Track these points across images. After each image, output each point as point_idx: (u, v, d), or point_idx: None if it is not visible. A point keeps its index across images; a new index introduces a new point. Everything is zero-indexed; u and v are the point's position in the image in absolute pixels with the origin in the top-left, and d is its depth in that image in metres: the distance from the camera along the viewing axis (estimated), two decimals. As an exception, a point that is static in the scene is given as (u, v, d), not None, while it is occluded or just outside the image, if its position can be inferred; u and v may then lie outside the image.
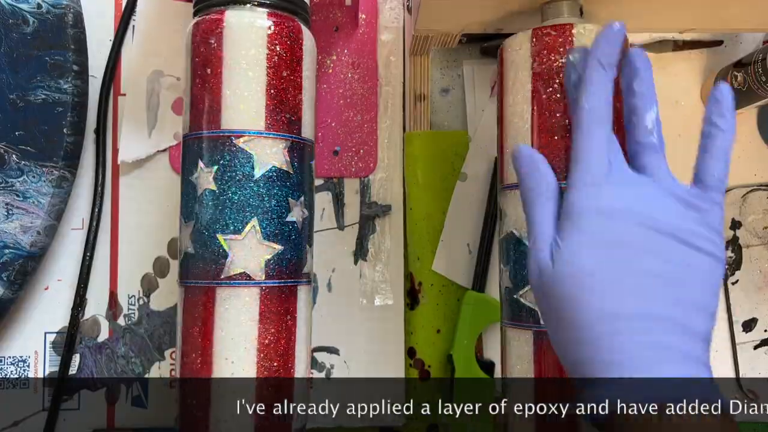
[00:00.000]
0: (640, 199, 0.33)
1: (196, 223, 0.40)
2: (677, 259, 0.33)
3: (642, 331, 0.32)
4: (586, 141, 0.34)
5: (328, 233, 0.54)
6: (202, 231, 0.40)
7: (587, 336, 0.32)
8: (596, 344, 0.32)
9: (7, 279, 0.48)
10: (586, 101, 0.34)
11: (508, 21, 0.46)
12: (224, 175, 0.40)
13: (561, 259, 0.33)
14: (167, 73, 0.54)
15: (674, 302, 0.32)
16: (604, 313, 0.32)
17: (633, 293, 0.32)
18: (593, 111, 0.34)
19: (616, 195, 0.33)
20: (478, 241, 0.54)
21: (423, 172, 0.54)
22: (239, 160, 0.40)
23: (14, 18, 0.49)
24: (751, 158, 0.57)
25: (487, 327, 0.54)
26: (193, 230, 0.40)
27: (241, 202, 0.40)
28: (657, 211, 0.33)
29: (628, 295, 0.32)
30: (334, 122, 0.55)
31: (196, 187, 0.40)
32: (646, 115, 0.35)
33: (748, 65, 0.50)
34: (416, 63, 0.55)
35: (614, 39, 0.35)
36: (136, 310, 0.53)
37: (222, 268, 0.40)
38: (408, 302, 0.54)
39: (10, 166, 0.48)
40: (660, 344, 0.32)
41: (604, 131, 0.34)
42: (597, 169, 0.34)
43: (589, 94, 0.34)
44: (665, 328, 0.32)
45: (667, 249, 0.33)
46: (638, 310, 0.32)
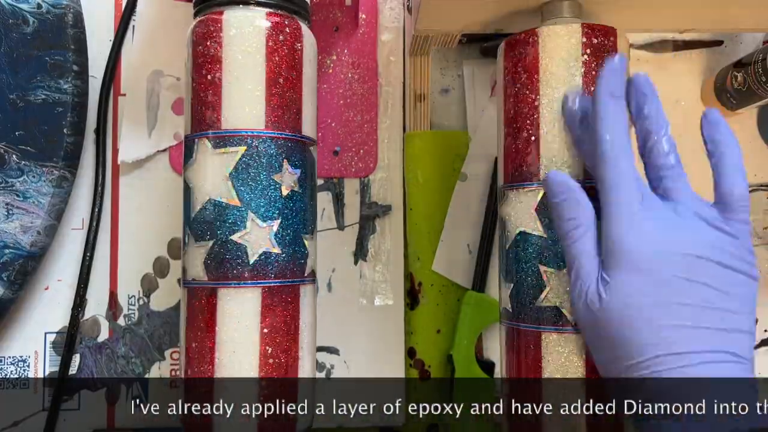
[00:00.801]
0: (676, 227, 0.34)
1: (282, 222, 0.41)
2: (719, 284, 0.33)
3: (699, 366, 0.32)
4: (615, 173, 0.34)
5: (328, 233, 0.54)
6: (288, 231, 0.41)
7: (640, 373, 0.33)
8: (644, 373, 0.32)
9: (7, 279, 0.48)
10: (606, 133, 0.34)
11: (508, 21, 0.46)
12: (306, 178, 0.42)
13: (609, 296, 0.33)
14: (167, 73, 0.54)
15: (720, 329, 0.32)
16: (654, 346, 0.32)
17: (682, 326, 0.32)
18: (615, 142, 0.34)
19: (656, 225, 0.33)
20: (478, 241, 0.54)
21: (423, 172, 0.54)
22: (311, 164, 0.42)
23: (14, 18, 0.49)
24: (751, 158, 0.57)
25: (487, 327, 0.54)
26: (276, 230, 0.40)
27: (314, 205, 0.43)
28: (694, 237, 0.33)
29: (677, 327, 0.32)
30: (334, 122, 0.55)
31: (280, 187, 0.41)
32: (662, 137, 0.35)
33: (748, 65, 0.50)
34: (416, 63, 0.55)
35: (618, 71, 0.35)
36: (136, 310, 0.53)
37: (304, 267, 0.41)
38: (408, 302, 0.54)
39: (10, 166, 0.48)
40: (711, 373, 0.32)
41: (629, 161, 0.34)
42: (631, 200, 0.34)
43: (608, 126, 0.34)
44: (716, 359, 0.32)
45: (709, 275, 0.33)
46: (687, 342, 0.32)
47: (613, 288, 0.33)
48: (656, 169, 0.35)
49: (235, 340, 0.40)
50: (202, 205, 0.40)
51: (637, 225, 0.33)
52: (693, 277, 0.33)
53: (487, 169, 0.55)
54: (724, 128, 0.35)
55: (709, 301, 0.33)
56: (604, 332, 0.34)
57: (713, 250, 0.33)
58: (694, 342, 0.32)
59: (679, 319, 0.32)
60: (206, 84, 0.40)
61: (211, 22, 0.40)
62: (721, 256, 0.33)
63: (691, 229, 0.34)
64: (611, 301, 0.33)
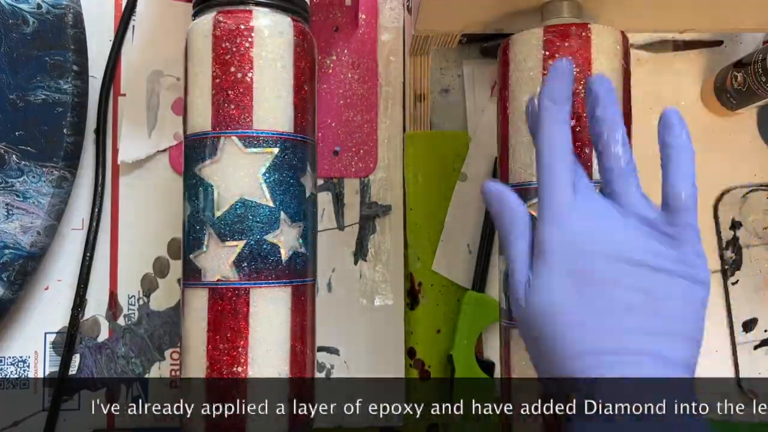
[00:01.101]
0: (608, 230, 0.33)
1: (306, 223, 0.42)
2: (649, 288, 0.32)
3: (616, 366, 0.32)
4: (547, 177, 0.34)
5: (328, 233, 0.54)
6: (310, 231, 0.42)
7: (563, 372, 0.32)
8: (564, 371, 0.32)
9: (7, 279, 0.48)
10: (541, 136, 0.35)
11: (508, 21, 0.46)
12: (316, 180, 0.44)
13: (532, 297, 0.34)
14: (167, 73, 0.54)
15: (647, 333, 0.32)
16: (576, 350, 0.32)
17: (604, 329, 0.32)
18: (550, 147, 0.34)
19: (583, 227, 0.33)
20: (478, 241, 0.54)
21: (423, 172, 0.54)
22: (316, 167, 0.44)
23: (14, 18, 0.49)
24: (751, 158, 0.57)
25: (487, 327, 0.54)
26: (302, 231, 0.41)
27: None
28: (625, 240, 0.33)
29: (599, 331, 0.32)
30: (334, 122, 0.55)
31: (305, 189, 0.41)
32: (611, 140, 0.35)
33: (748, 65, 0.50)
34: (416, 63, 0.55)
35: (562, 76, 0.35)
36: (136, 310, 0.53)
37: (315, 266, 0.43)
38: (408, 302, 0.54)
39: (10, 166, 0.48)
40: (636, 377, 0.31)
41: (564, 165, 0.34)
42: (561, 204, 0.34)
43: (543, 131, 0.35)
44: (641, 361, 0.32)
45: (637, 279, 0.33)
46: (610, 346, 0.32)
47: (535, 287, 0.33)
48: (606, 171, 0.35)
49: (269, 339, 0.40)
50: (230, 205, 0.40)
51: (563, 226, 0.33)
52: (616, 279, 0.32)
53: (487, 169, 0.55)
54: (677, 131, 0.34)
55: (632, 303, 0.32)
56: (529, 330, 0.34)
57: (643, 255, 0.33)
58: (613, 344, 0.32)
59: (597, 321, 0.32)
60: (234, 81, 0.40)
61: (242, 20, 0.40)
62: (652, 260, 0.33)
63: (624, 231, 0.33)
64: (533, 300, 0.33)
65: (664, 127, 0.34)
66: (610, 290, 0.32)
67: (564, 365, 0.32)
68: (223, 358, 0.39)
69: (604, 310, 0.32)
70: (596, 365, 0.32)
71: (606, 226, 0.33)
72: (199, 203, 0.40)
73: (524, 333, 0.35)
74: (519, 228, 0.35)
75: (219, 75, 0.40)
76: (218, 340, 0.39)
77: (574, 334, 0.32)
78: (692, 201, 0.34)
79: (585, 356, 0.32)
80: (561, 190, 0.34)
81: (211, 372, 0.39)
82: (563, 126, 0.35)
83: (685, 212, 0.33)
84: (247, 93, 0.40)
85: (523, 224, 0.35)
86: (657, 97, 0.56)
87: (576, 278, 0.33)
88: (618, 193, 0.35)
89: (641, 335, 0.32)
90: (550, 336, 0.33)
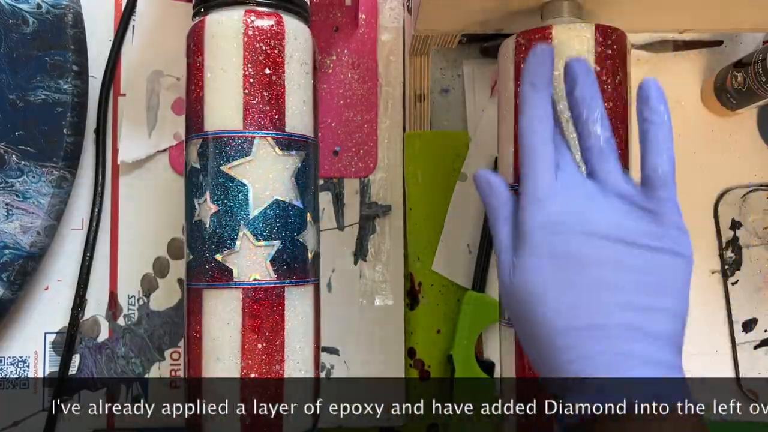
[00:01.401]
0: (586, 208, 0.34)
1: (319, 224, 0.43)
2: (632, 265, 0.33)
3: (600, 342, 0.32)
4: (527, 158, 0.35)
5: (328, 233, 0.54)
6: (319, 232, 0.44)
7: (548, 351, 0.33)
8: (558, 358, 0.32)
9: (7, 279, 0.48)
10: (521, 121, 0.35)
11: (508, 21, 0.46)
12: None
13: (516, 278, 0.34)
14: (167, 73, 0.54)
15: (628, 308, 0.32)
16: (560, 328, 0.32)
17: (585, 305, 0.32)
18: (531, 131, 0.35)
19: (561, 208, 0.34)
20: (478, 241, 0.54)
21: (423, 172, 0.54)
22: None
23: (14, 18, 0.49)
24: (751, 158, 0.57)
25: (487, 327, 0.54)
26: (318, 231, 0.43)
27: None
28: (605, 218, 0.33)
29: (581, 307, 0.32)
30: (334, 122, 0.55)
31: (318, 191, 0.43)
32: (590, 119, 0.35)
33: (748, 65, 0.50)
34: (416, 63, 0.55)
35: (542, 59, 0.35)
36: (136, 310, 0.53)
37: None
38: (408, 302, 0.54)
39: (10, 167, 0.48)
40: (621, 353, 0.32)
41: (544, 148, 0.34)
42: (541, 185, 0.34)
43: (523, 114, 0.35)
44: (624, 336, 0.32)
45: (619, 256, 0.33)
46: (593, 321, 0.32)
47: (518, 268, 0.34)
48: (585, 150, 0.35)
49: (302, 338, 0.41)
50: (266, 205, 0.40)
51: (540, 209, 0.34)
52: (598, 258, 0.33)
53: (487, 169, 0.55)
54: (655, 103, 0.34)
55: (615, 280, 0.32)
56: (515, 312, 0.34)
57: (622, 231, 0.33)
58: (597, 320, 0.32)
59: (580, 299, 0.32)
60: (269, 83, 0.40)
61: (274, 22, 0.41)
62: (631, 236, 0.33)
63: (601, 208, 0.34)
64: (516, 281, 0.34)
65: (642, 100, 0.35)
66: (592, 269, 0.33)
67: (549, 343, 0.32)
68: (262, 357, 0.39)
69: (587, 287, 0.32)
70: (582, 341, 0.32)
71: (586, 205, 0.34)
72: (229, 202, 0.40)
73: (511, 315, 0.35)
74: (503, 212, 0.36)
75: (252, 75, 0.40)
76: (256, 340, 0.39)
77: (557, 312, 0.32)
78: (671, 175, 0.34)
79: (570, 332, 0.32)
80: (542, 172, 0.34)
81: (249, 372, 0.39)
82: (544, 110, 0.35)
83: (663, 187, 0.33)
84: (281, 95, 0.40)
85: (507, 209, 0.36)
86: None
87: (558, 258, 0.33)
88: (598, 171, 0.35)
89: (627, 311, 0.32)
90: (535, 315, 0.33)
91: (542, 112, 0.35)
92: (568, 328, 0.32)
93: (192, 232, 0.41)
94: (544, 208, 0.34)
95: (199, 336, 0.40)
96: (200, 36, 0.41)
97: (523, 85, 0.35)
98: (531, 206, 0.34)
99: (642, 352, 0.32)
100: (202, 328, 0.40)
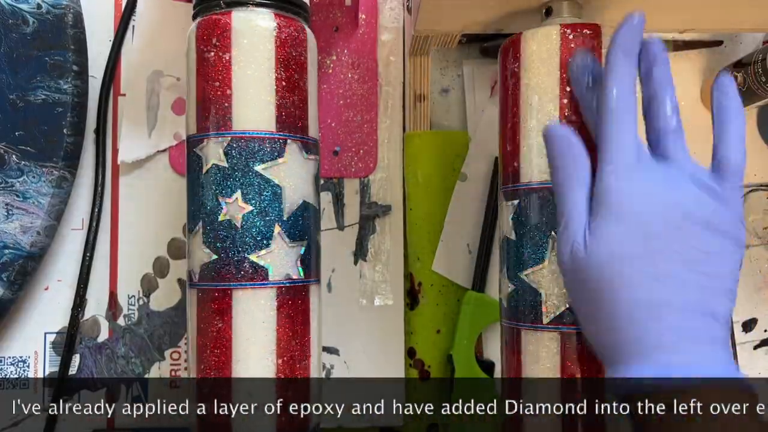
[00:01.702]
0: (669, 186, 0.34)
1: None
2: (704, 245, 0.33)
3: (672, 317, 0.33)
4: (616, 126, 0.34)
5: (328, 233, 0.54)
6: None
7: (618, 323, 0.33)
8: (628, 329, 0.33)
9: (7, 279, 0.48)
10: (614, 88, 0.35)
11: (508, 21, 0.46)
12: None
13: (595, 245, 0.34)
14: (167, 73, 0.54)
15: (701, 288, 0.33)
16: (637, 300, 0.33)
17: (664, 280, 0.33)
18: (621, 97, 0.34)
19: (648, 181, 0.34)
20: (478, 241, 0.54)
21: (423, 172, 0.54)
22: None
23: (14, 18, 0.49)
24: (751, 158, 0.56)
25: (487, 327, 0.54)
26: None
27: None
28: (684, 197, 0.34)
29: (660, 281, 0.33)
30: (334, 122, 0.55)
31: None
32: (666, 100, 0.35)
33: (748, 65, 0.50)
34: (416, 63, 0.55)
35: (636, 29, 0.35)
36: (136, 310, 0.53)
37: None
38: (408, 302, 0.54)
39: (10, 167, 0.48)
40: (689, 329, 0.33)
41: (632, 118, 0.34)
42: (629, 155, 0.34)
43: (616, 81, 0.35)
44: (694, 313, 0.33)
45: (695, 235, 0.33)
46: (669, 297, 0.33)
47: (598, 236, 0.34)
48: (657, 131, 0.36)
49: (317, 335, 0.42)
50: (297, 206, 0.41)
51: (629, 177, 0.34)
52: (678, 234, 0.33)
53: (487, 169, 0.55)
54: (733, 94, 0.35)
55: (691, 257, 0.33)
56: (586, 279, 0.34)
57: (702, 211, 0.34)
58: (673, 295, 0.33)
59: (660, 272, 0.33)
60: (296, 87, 0.41)
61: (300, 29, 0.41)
62: (708, 218, 0.34)
63: (682, 188, 0.34)
64: (595, 250, 0.33)
65: (720, 90, 0.36)
66: (672, 245, 0.33)
67: (621, 315, 0.33)
68: (294, 356, 0.40)
69: (667, 262, 0.33)
70: (653, 316, 0.32)
71: (664, 181, 0.34)
72: (263, 202, 0.40)
73: (578, 282, 0.35)
74: (581, 174, 0.35)
75: (284, 78, 0.41)
76: (290, 339, 0.40)
77: (634, 283, 0.33)
78: (742, 165, 0.35)
79: (643, 306, 0.33)
80: (629, 143, 0.34)
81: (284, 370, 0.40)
82: (630, 80, 0.35)
83: (734, 176, 0.35)
84: (305, 100, 0.42)
85: (585, 172, 0.35)
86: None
87: (642, 231, 0.33)
88: (670, 153, 0.35)
89: (698, 290, 0.33)
90: (610, 285, 0.33)
91: (629, 81, 0.35)
92: (645, 301, 0.33)
93: (215, 230, 0.40)
94: (633, 178, 0.34)
95: (228, 336, 0.39)
96: (227, 32, 0.40)
97: (615, 52, 0.35)
98: (618, 174, 0.34)
99: (708, 330, 0.33)
100: (233, 329, 0.40)
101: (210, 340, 0.40)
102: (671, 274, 0.33)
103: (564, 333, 0.38)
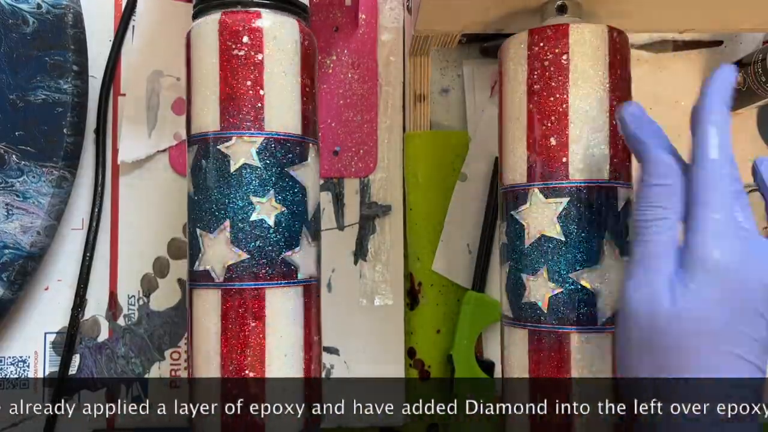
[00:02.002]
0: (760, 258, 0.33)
1: None
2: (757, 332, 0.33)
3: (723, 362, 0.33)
4: (715, 189, 0.33)
5: (328, 233, 0.54)
6: None
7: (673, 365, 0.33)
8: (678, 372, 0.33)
9: (7, 279, 0.48)
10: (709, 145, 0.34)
11: (508, 21, 0.46)
12: None
13: (685, 301, 0.32)
14: (167, 73, 0.54)
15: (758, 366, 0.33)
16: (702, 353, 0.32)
17: (737, 354, 0.32)
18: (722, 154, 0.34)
19: (741, 251, 0.33)
20: (478, 241, 0.54)
21: (423, 172, 0.54)
22: None
23: (14, 18, 0.49)
24: (751, 158, 0.57)
25: (487, 327, 0.54)
26: None
27: None
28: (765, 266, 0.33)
29: (730, 354, 0.32)
30: (334, 122, 0.55)
31: None
32: None
33: (748, 65, 0.50)
34: (416, 63, 0.55)
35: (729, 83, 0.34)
36: (136, 310, 0.53)
37: None
38: (408, 302, 0.54)
39: (10, 166, 0.48)
40: None
41: (733, 175, 0.34)
42: (727, 218, 0.33)
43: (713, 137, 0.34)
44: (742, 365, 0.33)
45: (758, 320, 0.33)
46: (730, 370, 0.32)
47: (692, 292, 0.32)
48: None
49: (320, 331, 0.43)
50: (316, 207, 0.42)
51: (728, 243, 0.33)
52: (763, 310, 0.32)
53: (487, 169, 0.55)
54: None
55: (763, 338, 0.33)
56: (659, 334, 0.33)
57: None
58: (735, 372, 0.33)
59: (736, 346, 0.32)
60: (313, 93, 0.42)
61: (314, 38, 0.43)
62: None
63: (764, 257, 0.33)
64: (685, 305, 0.32)
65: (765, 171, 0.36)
66: (754, 319, 0.32)
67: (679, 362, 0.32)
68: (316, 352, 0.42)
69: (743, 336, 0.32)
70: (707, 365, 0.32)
71: (756, 252, 0.33)
72: (293, 203, 0.40)
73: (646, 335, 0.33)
74: (675, 217, 0.34)
75: (307, 84, 0.42)
76: (312, 334, 0.41)
77: (709, 342, 0.32)
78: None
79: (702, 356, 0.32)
80: (727, 203, 0.33)
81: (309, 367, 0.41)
82: (729, 137, 0.34)
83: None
84: (317, 106, 0.43)
85: (679, 215, 0.34)
86: (657, 97, 0.56)
87: (733, 297, 0.32)
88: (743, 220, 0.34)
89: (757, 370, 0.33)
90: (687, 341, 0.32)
91: (729, 139, 0.34)
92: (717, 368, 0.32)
93: (245, 230, 0.39)
94: (732, 247, 0.33)
95: (261, 335, 0.39)
96: (259, 32, 0.40)
97: (712, 107, 0.34)
98: (722, 234, 0.33)
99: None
100: (266, 327, 0.39)
101: (240, 339, 0.39)
102: (743, 350, 0.32)
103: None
